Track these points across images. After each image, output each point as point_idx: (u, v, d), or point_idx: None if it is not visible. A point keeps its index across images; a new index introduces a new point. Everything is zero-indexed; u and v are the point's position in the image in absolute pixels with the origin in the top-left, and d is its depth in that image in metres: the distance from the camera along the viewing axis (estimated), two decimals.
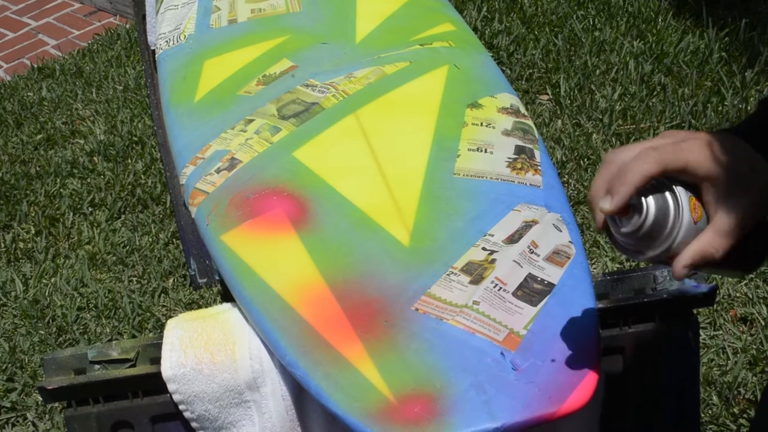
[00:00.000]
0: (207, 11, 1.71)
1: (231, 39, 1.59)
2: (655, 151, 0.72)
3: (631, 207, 0.73)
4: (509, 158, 1.25)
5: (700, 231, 0.72)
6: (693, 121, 2.71)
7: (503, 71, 3.09)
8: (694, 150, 0.72)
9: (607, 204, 0.72)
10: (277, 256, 1.11)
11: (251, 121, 1.35)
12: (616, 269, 2.30)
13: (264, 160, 1.26)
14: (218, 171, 1.25)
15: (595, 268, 2.31)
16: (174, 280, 2.42)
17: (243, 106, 1.39)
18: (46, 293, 2.40)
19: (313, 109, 1.35)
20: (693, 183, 0.73)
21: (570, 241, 1.11)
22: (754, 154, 0.73)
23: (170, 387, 1.06)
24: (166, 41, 1.64)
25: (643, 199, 0.73)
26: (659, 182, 0.73)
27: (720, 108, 2.75)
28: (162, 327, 2.32)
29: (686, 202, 0.72)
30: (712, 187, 0.72)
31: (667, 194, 0.73)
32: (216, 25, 1.65)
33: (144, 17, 2.18)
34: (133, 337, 2.25)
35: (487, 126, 1.32)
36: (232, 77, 1.48)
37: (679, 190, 0.73)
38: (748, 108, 2.73)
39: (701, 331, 2.00)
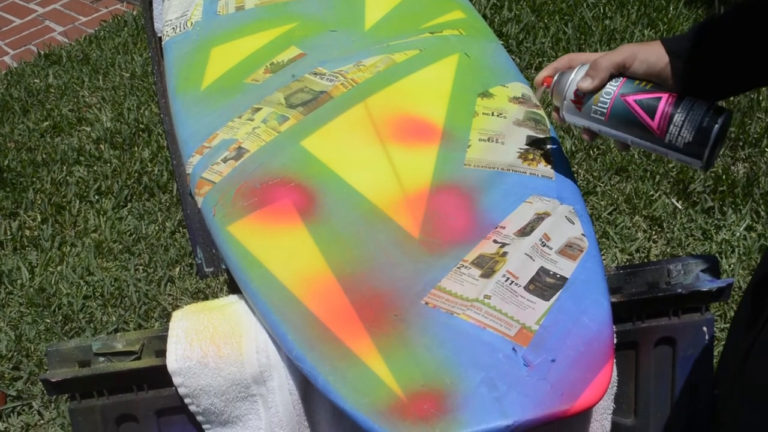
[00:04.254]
0: None
1: (238, 26, 1.57)
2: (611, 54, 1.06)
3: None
4: (521, 149, 1.23)
5: None
6: None
7: (512, 60, 3.06)
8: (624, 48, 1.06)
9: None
10: (285, 247, 1.09)
11: (258, 109, 1.32)
12: (625, 260, 2.28)
13: (271, 150, 1.24)
14: (225, 160, 1.23)
15: (604, 259, 2.29)
16: (180, 269, 2.41)
17: (250, 94, 1.37)
18: (52, 281, 2.39)
19: (321, 98, 1.33)
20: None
21: (583, 234, 1.09)
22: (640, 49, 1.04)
23: (175, 380, 1.04)
24: (173, 28, 1.61)
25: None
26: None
27: (732, 98, 2.72)
28: (168, 316, 2.31)
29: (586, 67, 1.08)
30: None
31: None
32: (223, 12, 1.63)
33: (150, 3, 2.16)
34: (140, 326, 2.23)
35: (498, 116, 1.30)
36: (239, 65, 1.45)
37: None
38: (760, 98, 2.70)
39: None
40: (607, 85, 1.06)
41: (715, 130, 1.00)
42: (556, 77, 1.10)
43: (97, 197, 2.70)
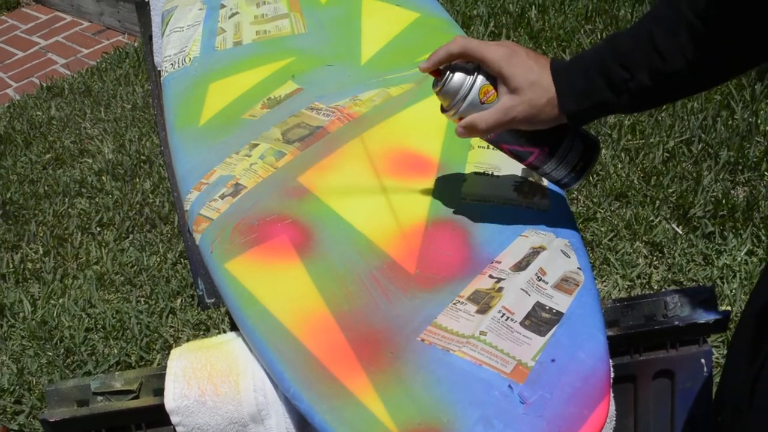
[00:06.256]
0: (212, 33, 1.70)
1: (236, 61, 1.58)
2: (464, 40, 1.01)
3: (441, 72, 1.03)
4: (516, 182, 1.24)
5: (483, 110, 1.01)
6: (703, 135, 2.68)
7: None
8: (495, 52, 0.98)
9: (422, 63, 1.03)
10: (281, 284, 1.09)
11: (256, 145, 1.33)
12: (627, 286, 2.28)
13: (268, 186, 1.25)
14: (222, 197, 1.24)
15: (605, 286, 2.29)
16: (182, 301, 2.41)
17: (248, 130, 1.38)
18: (54, 314, 2.40)
19: (318, 133, 1.34)
20: (494, 76, 1.00)
21: (579, 268, 1.09)
22: (542, 76, 0.97)
23: (173, 419, 1.04)
24: (171, 64, 1.63)
25: (449, 71, 1.02)
26: (472, 67, 1.01)
27: (730, 122, 2.73)
28: (170, 348, 2.31)
29: (479, 85, 1.01)
30: (501, 83, 0.99)
31: (467, 74, 1.01)
32: (221, 47, 1.64)
33: (150, 38, 2.18)
34: (141, 358, 2.24)
35: (493, 148, 1.31)
36: (236, 100, 1.47)
37: (479, 77, 1.01)
38: (759, 121, 2.71)
39: (714, 351, 1.97)
40: None
41: (570, 187, 1.11)
42: (447, 75, 1.03)
43: (98, 229, 2.72)
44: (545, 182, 1.25)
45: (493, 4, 3.56)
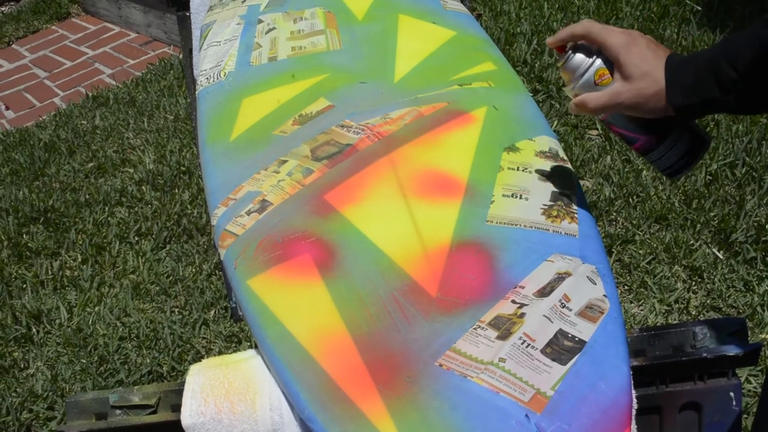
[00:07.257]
0: (248, 48, 1.71)
1: (270, 77, 1.59)
2: (590, 23, 1.05)
3: (565, 50, 1.09)
4: (545, 205, 1.22)
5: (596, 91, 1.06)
6: (747, 158, 2.63)
7: (552, 105, 3.05)
8: (616, 39, 1.03)
9: (550, 38, 1.09)
10: (302, 303, 1.08)
11: (285, 162, 1.33)
12: (664, 311, 2.23)
13: (295, 203, 1.24)
14: (249, 213, 1.24)
15: (642, 310, 2.25)
16: (215, 312, 2.42)
17: (278, 146, 1.38)
18: (90, 322, 2.42)
19: (346, 151, 1.34)
20: (612, 61, 1.04)
21: (604, 295, 1.07)
22: (656, 68, 1.00)
23: None
24: (207, 78, 1.64)
25: (572, 50, 1.08)
26: (594, 49, 1.06)
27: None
28: (201, 359, 2.32)
29: (595, 67, 1.06)
30: (617, 69, 1.03)
31: (587, 56, 1.06)
32: (256, 63, 1.65)
33: (191, 51, 2.20)
34: (173, 368, 2.25)
35: (523, 170, 1.29)
36: (268, 116, 1.47)
37: (597, 59, 1.06)
38: None
39: (753, 380, 1.92)
40: None
41: (674, 178, 1.14)
42: (568, 54, 1.09)
43: (136, 238, 2.74)
44: (575, 206, 1.23)
45: (537, 21, 3.54)
